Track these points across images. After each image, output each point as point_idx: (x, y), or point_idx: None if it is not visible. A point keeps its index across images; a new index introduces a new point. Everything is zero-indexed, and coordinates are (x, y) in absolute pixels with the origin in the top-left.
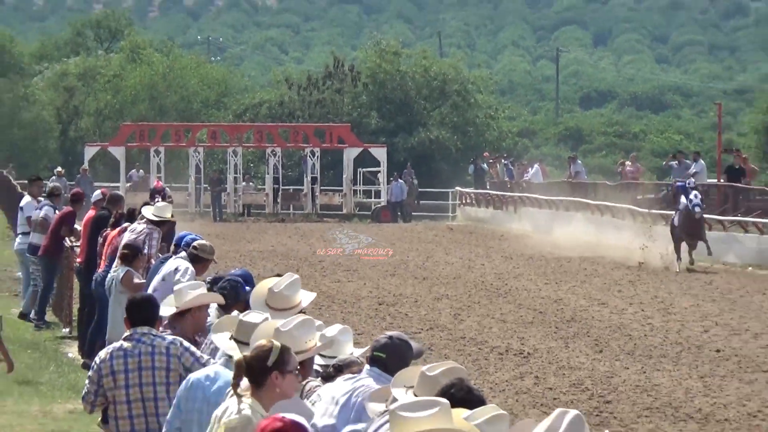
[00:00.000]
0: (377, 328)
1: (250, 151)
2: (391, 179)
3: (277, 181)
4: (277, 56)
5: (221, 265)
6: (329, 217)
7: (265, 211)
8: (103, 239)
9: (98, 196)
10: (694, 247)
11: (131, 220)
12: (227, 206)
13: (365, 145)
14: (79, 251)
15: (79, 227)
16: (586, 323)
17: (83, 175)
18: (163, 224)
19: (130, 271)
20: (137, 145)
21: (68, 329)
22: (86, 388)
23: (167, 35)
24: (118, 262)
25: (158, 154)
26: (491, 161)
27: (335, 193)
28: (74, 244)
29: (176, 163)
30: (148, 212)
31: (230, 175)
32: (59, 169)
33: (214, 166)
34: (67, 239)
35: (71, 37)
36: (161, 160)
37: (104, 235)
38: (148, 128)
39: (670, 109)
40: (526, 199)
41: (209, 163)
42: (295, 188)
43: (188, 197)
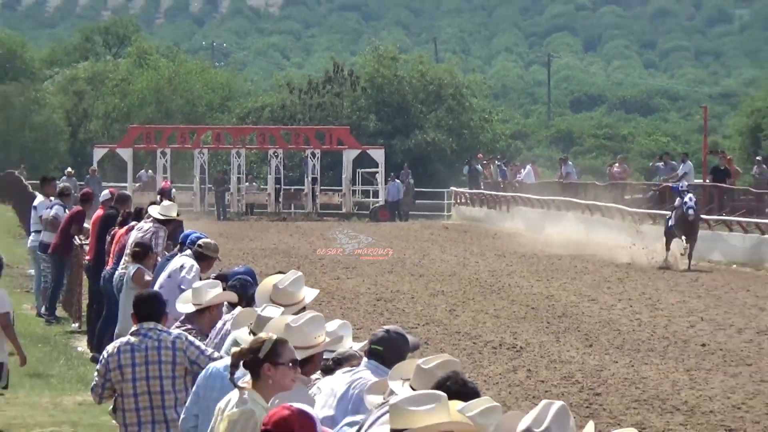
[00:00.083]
0: (375, 323)
1: (252, 152)
2: (388, 180)
3: (278, 181)
4: (279, 61)
5: (225, 262)
6: (329, 216)
7: (267, 210)
8: (111, 237)
9: (106, 195)
10: (691, 248)
11: (138, 218)
12: (231, 206)
13: (364, 146)
14: (88, 249)
15: (88, 226)
16: (576, 318)
17: (92, 175)
18: (169, 223)
19: (140, 268)
20: (144, 146)
21: (77, 324)
22: (95, 380)
23: (173, 41)
24: (129, 259)
25: (164, 155)
26: (485, 162)
27: (335, 193)
28: (83, 242)
29: (182, 164)
30: (154, 211)
31: (234, 175)
32: (69, 169)
33: (218, 167)
34: (76, 237)
35: (80, 42)
36: (167, 161)
37: (112, 233)
38: (154, 131)
39: (657, 112)
40: (518, 198)
41: (213, 164)
42: (296, 188)
43: (193, 197)
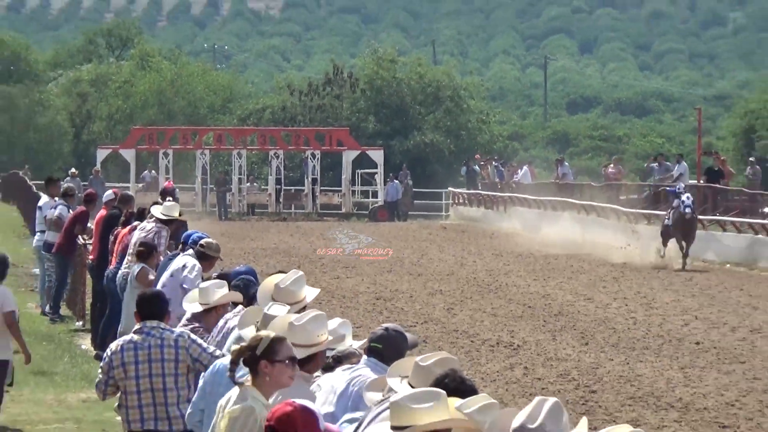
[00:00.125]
0: (375, 321)
1: (253, 153)
2: (387, 180)
3: (279, 182)
4: (279, 64)
5: (226, 262)
6: (329, 216)
7: (268, 210)
8: (114, 237)
9: (110, 196)
10: (688, 246)
11: (141, 218)
12: (232, 206)
13: (363, 147)
14: (91, 249)
15: (91, 226)
16: (572, 317)
17: (95, 176)
18: (171, 223)
19: (145, 267)
20: (147, 147)
21: (81, 322)
22: (98, 377)
23: (175, 44)
24: (133, 258)
25: (167, 156)
26: (482, 163)
27: (334, 193)
28: (87, 241)
29: (184, 164)
30: (157, 211)
31: (235, 176)
32: (73, 170)
33: (219, 167)
34: (80, 237)
35: (84, 45)
36: (169, 162)
37: (115, 233)
38: (157, 132)
39: (652, 114)
40: (515, 199)
41: (215, 164)
42: (296, 189)
43: (195, 197)
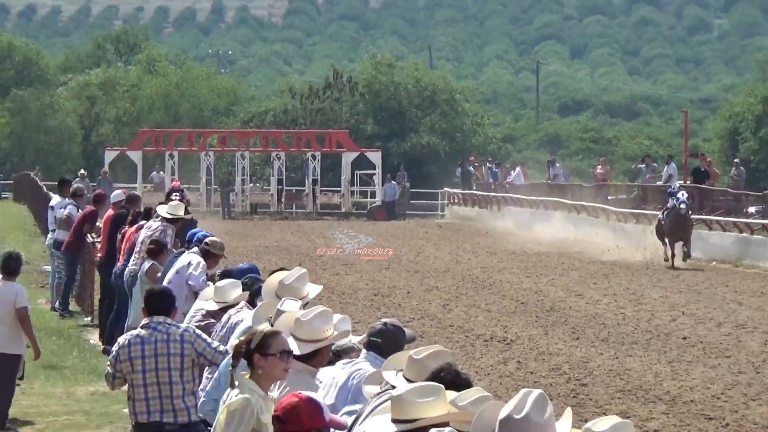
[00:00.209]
0: (373, 317)
1: (256, 155)
2: (385, 181)
3: (281, 182)
4: (281, 68)
5: (230, 259)
6: (329, 215)
7: (270, 210)
8: (121, 236)
9: (118, 196)
10: (686, 245)
11: (148, 218)
12: (235, 205)
13: (362, 149)
14: (99, 247)
15: (99, 225)
16: (564, 313)
17: (104, 176)
18: (176, 221)
19: (155, 264)
20: (153, 149)
21: (90, 318)
22: (107, 369)
23: (181, 49)
24: (144, 255)
25: (172, 157)
26: (477, 164)
27: (334, 193)
28: (95, 240)
29: (189, 166)
30: (162, 210)
31: (238, 177)
32: (82, 171)
33: (223, 168)
34: (88, 236)
35: (93, 50)
36: (175, 163)
37: (123, 232)
38: (163, 134)
39: (640, 116)
40: (508, 199)
41: (219, 166)
42: (297, 189)
43: (200, 197)
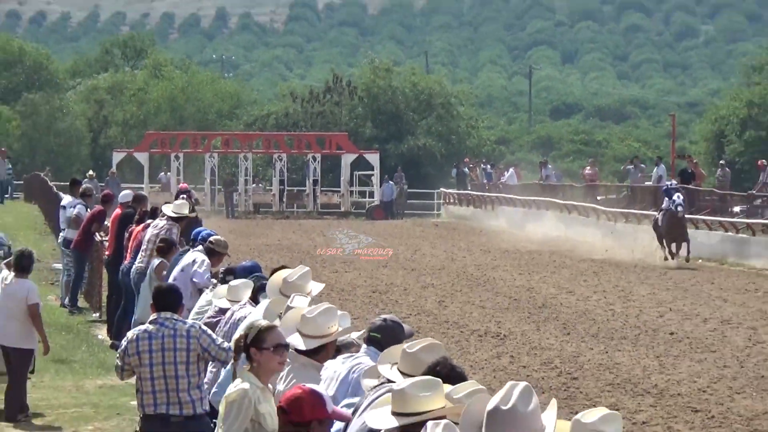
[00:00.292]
0: (371, 313)
1: (259, 156)
2: (383, 181)
3: (282, 183)
4: (283, 73)
5: (233, 257)
6: (328, 215)
7: (272, 209)
8: (128, 234)
9: (126, 196)
10: (679, 246)
11: (154, 217)
12: (239, 205)
13: (361, 151)
14: (107, 245)
15: (107, 224)
16: (555, 309)
17: (111, 177)
18: (181, 220)
19: (163, 261)
20: (159, 151)
21: (98, 314)
22: (117, 362)
23: (186, 54)
24: (154, 253)
25: (178, 159)
26: (472, 165)
27: (334, 193)
28: (103, 238)
29: (194, 167)
30: (168, 210)
31: (241, 177)
32: (91, 172)
33: (227, 169)
34: (97, 234)
35: (101, 55)
36: (180, 164)
37: (130, 230)
38: (168, 136)
39: (629, 119)
40: (502, 199)
41: (223, 167)
42: (298, 189)
43: (204, 197)
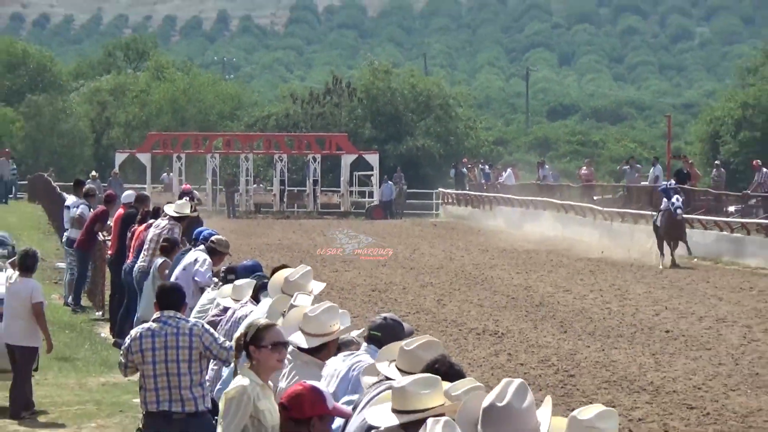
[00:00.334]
0: (371, 311)
1: (259, 157)
2: (382, 182)
3: (283, 183)
4: (283, 75)
5: (234, 257)
6: (328, 214)
7: (272, 209)
8: (131, 234)
9: (128, 197)
10: (675, 246)
11: (156, 216)
12: (240, 205)
13: (360, 152)
14: (110, 245)
15: (110, 224)
16: (552, 307)
17: (114, 178)
18: (182, 220)
19: (166, 261)
20: (161, 152)
21: (101, 312)
22: (120, 359)
23: (187, 56)
24: (157, 252)
25: (180, 159)
26: (470, 166)
27: (334, 193)
28: (106, 238)
29: (195, 167)
30: (169, 209)
31: (242, 178)
32: (93, 173)
33: (228, 170)
34: (100, 234)
35: (104, 57)
36: (182, 165)
37: (132, 230)
38: (170, 137)
39: (625, 120)
40: (500, 199)
41: (224, 167)
42: (299, 189)
43: (206, 197)
